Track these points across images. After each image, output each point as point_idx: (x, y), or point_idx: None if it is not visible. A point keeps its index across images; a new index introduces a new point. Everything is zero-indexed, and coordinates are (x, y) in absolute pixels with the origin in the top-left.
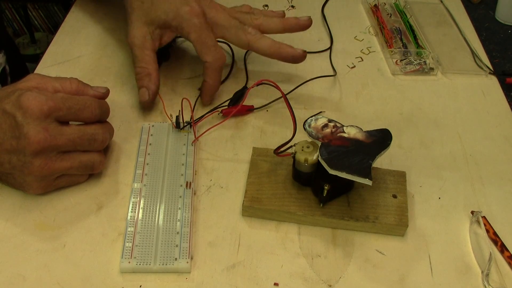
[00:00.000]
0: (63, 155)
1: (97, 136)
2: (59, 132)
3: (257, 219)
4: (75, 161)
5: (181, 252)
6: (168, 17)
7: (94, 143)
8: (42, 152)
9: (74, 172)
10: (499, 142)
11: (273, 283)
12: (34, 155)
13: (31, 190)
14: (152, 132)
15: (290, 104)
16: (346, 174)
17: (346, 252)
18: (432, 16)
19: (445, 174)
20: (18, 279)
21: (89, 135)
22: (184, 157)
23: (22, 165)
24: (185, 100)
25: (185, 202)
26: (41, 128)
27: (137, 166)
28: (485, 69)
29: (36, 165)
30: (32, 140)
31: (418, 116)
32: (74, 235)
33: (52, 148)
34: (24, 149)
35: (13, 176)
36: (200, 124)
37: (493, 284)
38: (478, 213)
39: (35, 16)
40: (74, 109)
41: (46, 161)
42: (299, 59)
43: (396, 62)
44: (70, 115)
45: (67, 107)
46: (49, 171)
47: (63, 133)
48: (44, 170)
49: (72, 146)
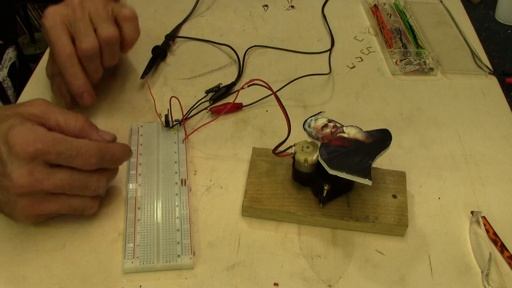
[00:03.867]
0: (51, 196)
1: (89, 184)
2: (46, 176)
3: (257, 219)
4: (64, 204)
5: (183, 248)
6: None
7: (85, 191)
8: (26, 194)
9: (63, 212)
10: (499, 142)
11: (273, 283)
12: (17, 196)
13: (20, 223)
14: (142, 133)
15: (283, 103)
16: (346, 174)
17: (346, 252)
18: (432, 16)
19: (445, 174)
20: (18, 279)
21: (80, 182)
22: (176, 155)
23: (7, 202)
24: (174, 98)
25: (182, 199)
26: (26, 170)
27: (130, 167)
28: (485, 69)
29: (20, 206)
30: (14, 182)
31: (418, 116)
32: (74, 235)
33: (37, 191)
34: (8, 188)
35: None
36: (191, 122)
37: (493, 284)
38: (478, 213)
39: (35, 16)
40: (65, 155)
41: (31, 203)
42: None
43: (396, 62)
44: (60, 160)
45: (57, 152)
46: (34, 212)
47: (50, 177)
48: (29, 211)
49: (60, 190)
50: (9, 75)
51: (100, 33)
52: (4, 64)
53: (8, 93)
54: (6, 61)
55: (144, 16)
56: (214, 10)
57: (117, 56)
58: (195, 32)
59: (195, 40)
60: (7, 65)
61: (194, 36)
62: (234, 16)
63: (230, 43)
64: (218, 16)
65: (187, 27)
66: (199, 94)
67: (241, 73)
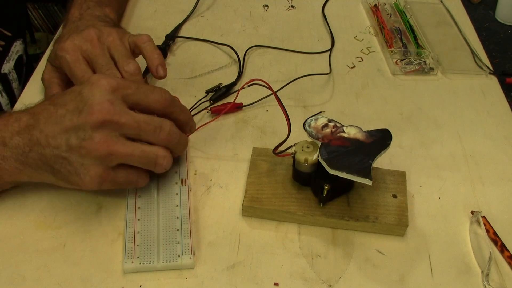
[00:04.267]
0: (125, 141)
1: (164, 126)
2: (124, 110)
3: (257, 219)
4: (137, 149)
5: (183, 248)
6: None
7: (160, 133)
8: (103, 125)
9: (135, 163)
10: (499, 142)
11: (273, 283)
12: (95, 128)
13: (87, 178)
14: None
15: (283, 103)
16: (346, 174)
17: (346, 252)
18: (432, 16)
19: (445, 174)
20: (18, 279)
21: (154, 124)
22: None
23: (80, 144)
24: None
25: (182, 199)
26: (107, 100)
27: None
28: (485, 69)
29: (96, 141)
30: (95, 109)
31: (418, 116)
32: (74, 235)
33: (114, 124)
34: (85, 122)
35: (68, 161)
36: None
37: (493, 284)
38: (478, 213)
39: (35, 16)
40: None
41: (106, 138)
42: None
43: (396, 62)
44: (138, 95)
45: (135, 87)
46: (108, 150)
47: (128, 112)
48: (103, 148)
49: (136, 129)
50: (15, 68)
51: (126, 69)
52: (11, 56)
53: (13, 86)
54: (13, 54)
55: (144, 16)
56: (214, 10)
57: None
58: (195, 32)
59: (195, 40)
60: (14, 58)
61: (194, 36)
62: (234, 16)
63: (230, 43)
64: (218, 16)
65: (187, 27)
66: (199, 94)
67: (241, 73)
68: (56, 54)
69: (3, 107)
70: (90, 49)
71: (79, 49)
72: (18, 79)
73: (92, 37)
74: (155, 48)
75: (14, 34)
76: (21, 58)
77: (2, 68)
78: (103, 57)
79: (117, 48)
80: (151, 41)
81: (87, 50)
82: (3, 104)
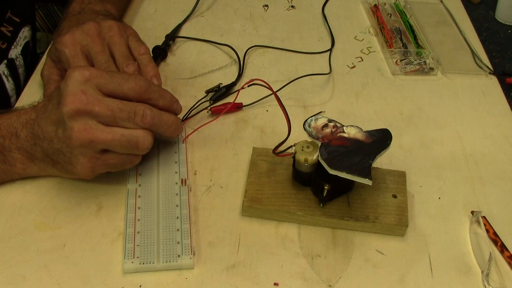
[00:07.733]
0: (105, 127)
1: (138, 110)
2: (98, 98)
3: (257, 219)
4: (117, 134)
5: (183, 248)
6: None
7: (135, 118)
8: (78, 114)
9: (117, 148)
10: (499, 142)
11: (273, 283)
12: (71, 118)
13: (78, 166)
14: None
15: (283, 103)
16: (346, 174)
17: (346, 252)
18: (432, 16)
19: (445, 174)
20: (18, 279)
21: (130, 108)
22: (176, 155)
23: (64, 134)
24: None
25: (182, 199)
26: (80, 90)
27: None
28: (485, 69)
29: (75, 130)
30: (68, 100)
31: (418, 116)
32: (74, 235)
33: (88, 113)
34: (62, 113)
35: (62, 152)
36: (191, 122)
37: (493, 284)
38: (478, 213)
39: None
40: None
41: (85, 127)
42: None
43: (396, 62)
44: (112, 84)
45: (108, 75)
46: (88, 138)
47: (102, 100)
48: (83, 136)
49: (111, 116)
50: (22, 54)
51: (125, 70)
52: (19, 42)
53: (19, 71)
54: (21, 39)
55: (144, 16)
56: (214, 10)
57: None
58: (195, 32)
59: (195, 40)
60: (21, 44)
61: (194, 36)
62: (234, 16)
63: (230, 43)
64: (218, 16)
65: (187, 27)
66: (199, 94)
67: (241, 73)
68: (56, 47)
69: (8, 92)
70: (90, 44)
71: (79, 43)
72: (24, 65)
73: (92, 31)
74: (150, 60)
75: (22, 20)
76: (28, 45)
77: (10, 53)
78: (103, 54)
79: (117, 47)
80: (147, 53)
81: (87, 45)
82: (9, 89)
